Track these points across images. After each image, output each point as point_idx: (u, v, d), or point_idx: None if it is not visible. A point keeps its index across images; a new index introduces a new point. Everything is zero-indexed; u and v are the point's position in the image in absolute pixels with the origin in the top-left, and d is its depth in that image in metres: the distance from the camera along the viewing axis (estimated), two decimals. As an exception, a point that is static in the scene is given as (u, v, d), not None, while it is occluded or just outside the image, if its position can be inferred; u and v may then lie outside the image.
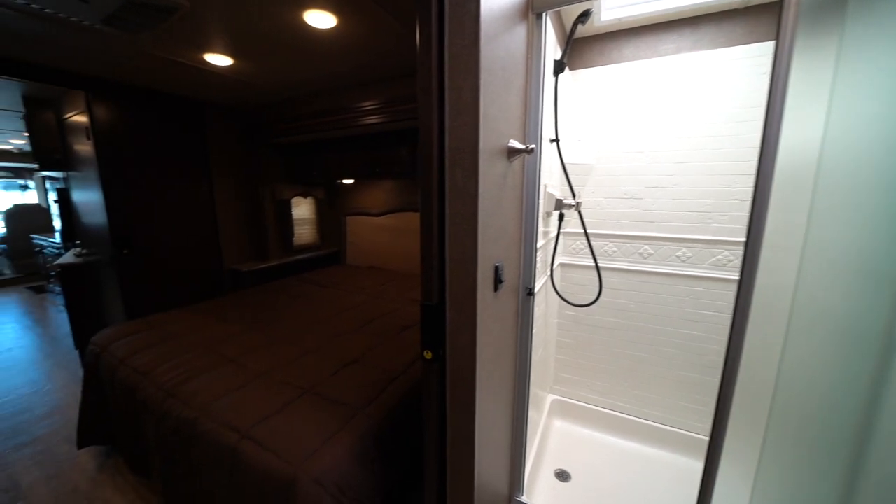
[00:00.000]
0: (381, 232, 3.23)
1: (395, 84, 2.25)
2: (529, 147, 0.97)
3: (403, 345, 1.78)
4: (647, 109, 1.68)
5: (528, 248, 1.17)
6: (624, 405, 1.93)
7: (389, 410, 1.34)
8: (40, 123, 2.72)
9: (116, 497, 1.71)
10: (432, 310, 0.87)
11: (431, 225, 0.83)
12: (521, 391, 1.26)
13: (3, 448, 2.05)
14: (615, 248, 1.83)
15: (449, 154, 0.81)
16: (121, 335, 1.90)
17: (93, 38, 1.66)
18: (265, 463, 1.12)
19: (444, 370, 0.91)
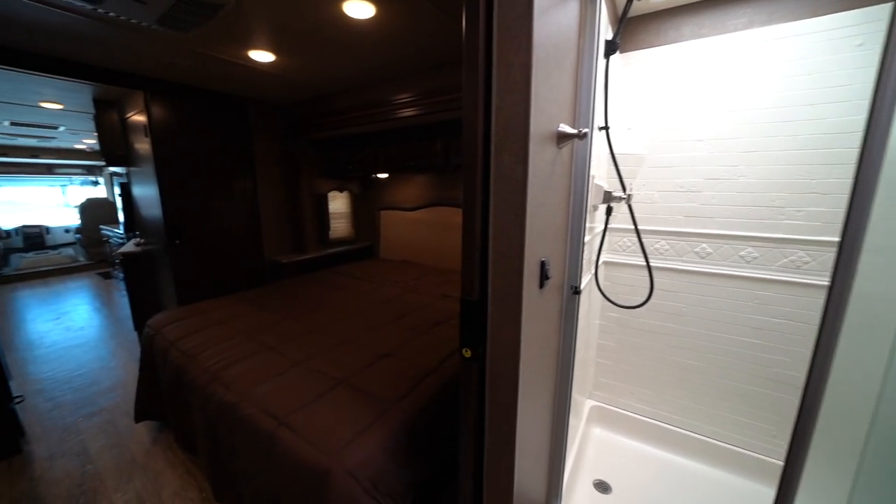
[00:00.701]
0: (414, 226, 3.22)
1: (431, 75, 2.21)
2: (582, 131, 0.88)
3: (436, 340, 1.74)
4: (708, 93, 1.52)
5: (575, 243, 1.08)
6: (671, 416, 1.78)
7: (422, 406, 1.32)
8: (106, 123, 2.96)
9: (167, 470, 1.82)
10: (473, 306, 0.82)
11: (474, 214, 0.78)
12: (562, 395, 1.18)
13: (77, 416, 2.27)
14: (667, 246, 1.68)
15: (495, 137, 0.75)
16: (172, 319, 2.03)
17: (149, 39, 1.76)
18: (300, 451, 1.13)
19: (483, 370, 0.85)
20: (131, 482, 1.75)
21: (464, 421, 0.90)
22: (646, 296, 1.42)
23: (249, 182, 2.97)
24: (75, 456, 1.94)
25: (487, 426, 0.88)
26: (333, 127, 2.72)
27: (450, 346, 1.69)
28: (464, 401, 0.89)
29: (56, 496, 1.69)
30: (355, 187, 3.53)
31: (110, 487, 1.73)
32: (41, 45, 1.83)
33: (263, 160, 3.03)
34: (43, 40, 1.77)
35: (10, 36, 1.72)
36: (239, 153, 2.88)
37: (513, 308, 0.78)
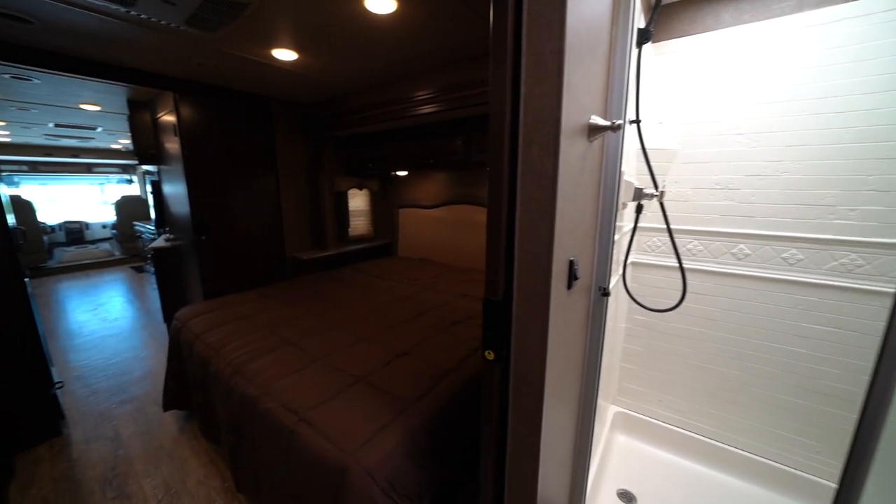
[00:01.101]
0: (432, 224, 3.21)
1: (451, 71, 2.17)
2: (615, 123, 0.83)
3: (455, 340, 1.72)
4: (749, 84, 1.42)
5: (605, 243, 1.03)
6: (702, 426, 1.69)
7: (441, 407, 1.29)
8: (139, 123, 3.08)
9: (192, 458, 1.88)
10: (497, 306, 0.78)
11: (500, 210, 0.74)
12: (587, 401, 1.13)
13: (111, 403, 2.38)
14: (700, 247, 1.59)
15: (524, 129, 0.71)
16: (198, 313, 2.09)
17: (178, 40, 1.81)
18: (319, 447, 1.13)
19: (507, 373, 0.82)
20: (159, 469, 1.82)
21: (485, 425, 0.87)
22: (676, 299, 1.34)
23: (272, 180, 3.03)
24: (109, 441, 2.03)
25: (510, 431, 0.84)
26: (353, 125, 2.73)
27: (469, 345, 1.66)
28: (486, 404, 0.86)
29: (91, 478, 1.77)
30: (375, 185, 3.55)
31: (140, 473, 1.79)
32: (81, 48, 1.91)
33: (285, 158, 3.08)
34: (82, 44, 1.85)
35: (55, 41, 1.81)
36: (262, 151, 2.94)
37: (540, 309, 0.74)
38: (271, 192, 3.04)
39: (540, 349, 0.76)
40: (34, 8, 1.49)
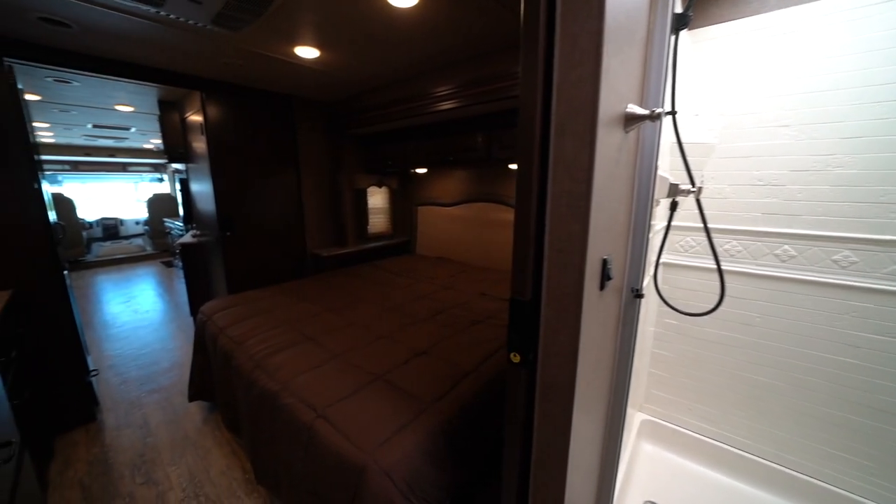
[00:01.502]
0: (451, 222, 3.17)
1: (473, 65, 2.13)
2: (655, 112, 0.77)
3: (474, 340, 1.68)
4: (797, 72, 1.31)
5: (638, 241, 0.97)
6: (738, 438, 1.58)
7: (461, 408, 1.26)
8: (169, 123, 3.19)
9: (215, 449, 1.92)
10: (524, 306, 0.74)
11: (529, 205, 0.70)
12: (616, 408, 1.07)
13: (141, 391, 2.47)
14: (739, 247, 1.49)
15: (556, 119, 0.66)
16: (222, 307, 2.13)
17: (205, 40, 1.84)
18: (337, 445, 1.12)
19: (533, 377, 0.78)
20: (183, 457, 1.87)
21: (509, 431, 0.83)
22: (711, 302, 1.25)
23: (294, 177, 3.07)
24: (138, 428, 2.11)
25: (536, 438, 0.80)
26: (373, 122, 2.73)
27: (488, 346, 1.62)
28: (510, 409, 0.82)
29: (122, 463, 1.84)
30: (394, 183, 3.55)
31: (166, 460, 1.85)
32: (115, 50, 1.98)
33: (307, 156, 3.12)
34: (116, 46, 1.92)
35: (92, 43, 1.88)
36: (284, 150, 2.99)
37: (571, 310, 0.70)
38: (293, 190, 3.08)
39: (570, 353, 0.71)
40: (72, 12, 1.55)
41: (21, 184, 1.83)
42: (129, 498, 1.64)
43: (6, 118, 1.78)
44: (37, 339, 1.89)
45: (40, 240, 1.90)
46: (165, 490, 1.67)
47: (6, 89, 1.79)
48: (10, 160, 1.80)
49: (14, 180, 1.81)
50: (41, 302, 1.92)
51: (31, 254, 1.88)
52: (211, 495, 1.64)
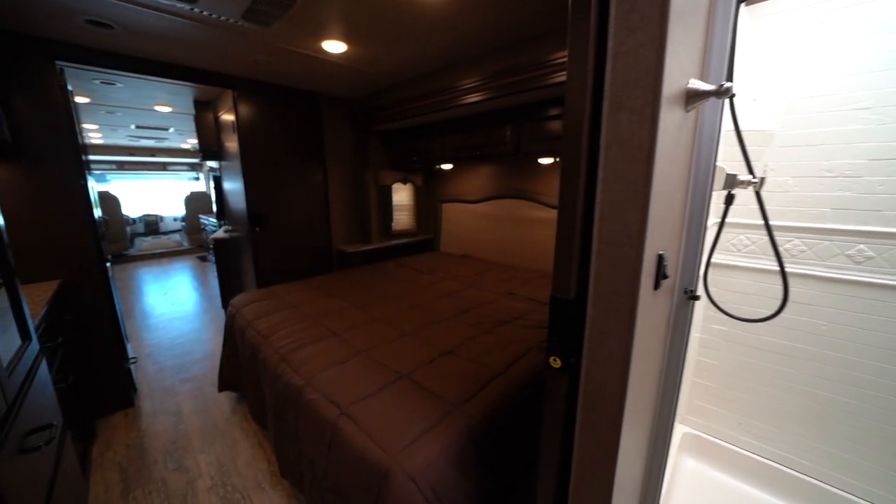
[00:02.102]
0: (477, 220, 3.10)
1: (502, 56, 2.04)
2: (724, 86, 0.67)
3: (502, 341, 1.61)
4: (880, 47, 1.14)
5: (693, 237, 0.87)
6: (798, 459, 1.42)
7: (489, 412, 1.19)
8: (203, 122, 3.30)
9: (242, 440, 1.95)
10: (567, 306, 0.67)
11: (575, 192, 0.63)
12: (662, 420, 0.97)
13: (175, 380, 2.56)
14: (803, 247, 1.33)
15: (610, 91, 0.58)
16: (251, 300, 2.17)
17: (236, 37, 1.87)
18: (361, 445, 1.08)
19: (576, 384, 0.70)
20: (212, 446, 1.91)
21: (546, 443, 0.76)
22: (766, 307, 1.12)
23: (320, 174, 3.10)
24: (172, 415, 2.18)
25: (577, 453, 0.72)
26: (398, 117, 2.70)
27: (518, 347, 1.55)
28: (548, 419, 0.75)
29: (156, 448, 1.90)
30: (419, 179, 3.51)
31: (196, 448, 1.90)
32: (154, 50, 2.05)
33: (333, 153, 3.14)
34: (155, 46, 1.99)
35: (133, 44, 1.95)
36: (312, 147, 3.02)
37: (622, 311, 0.62)
38: (319, 187, 3.11)
39: (621, 359, 0.63)
40: (115, 13, 1.60)
41: (70, 182, 1.93)
42: (162, 483, 1.69)
43: (58, 119, 1.88)
44: (81, 327, 1.99)
45: (86, 234, 2.00)
46: (195, 477, 1.71)
47: (58, 91, 1.88)
48: (61, 159, 1.90)
49: (64, 179, 1.91)
50: (86, 292, 2.02)
51: (78, 247, 1.98)
52: (237, 485, 1.66)
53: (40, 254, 1.88)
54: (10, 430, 0.82)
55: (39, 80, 1.82)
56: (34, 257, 1.86)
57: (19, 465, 0.86)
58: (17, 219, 1.81)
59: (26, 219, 1.83)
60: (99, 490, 1.65)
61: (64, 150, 1.91)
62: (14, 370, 0.92)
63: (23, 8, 1.54)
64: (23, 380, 0.98)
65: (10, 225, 1.80)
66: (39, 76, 1.82)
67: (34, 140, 1.82)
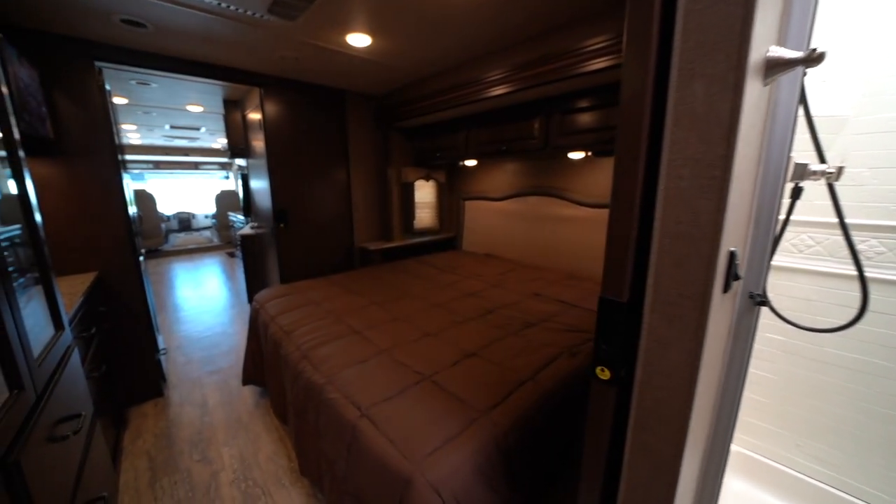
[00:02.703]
0: (501, 218, 3.01)
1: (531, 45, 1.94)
2: (815, 53, 0.56)
3: (529, 345, 1.52)
4: None
5: (762, 232, 0.75)
6: (869, 490, 1.26)
7: (517, 421, 1.11)
8: (232, 121, 3.38)
9: (264, 434, 1.96)
10: (619, 310, 0.58)
11: (634, 177, 0.54)
12: (718, 442, 0.86)
13: (202, 372, 2.62)
14: (881, 248, 1.17)
15: (680, 56, 0.49)
16: (274, 296, 2.18)
17: (262, 32, 1.87)
18: (381, 449, 1.03)
19: (627, 399, 0.61)
20: (236, 439, 1.92)
21: (589, 465, 0.67)
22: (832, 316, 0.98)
23: (344, 171, 3.10)
24: (198, 406, 2.22)
25: (626, 477, 0.64)
26: (423, 112, 2.65)
27: (546, 352, 1.45)
28: (592, 437, 0.66)
29: (183, 439, 1.94)
30: (441, 176, 3.45)
31: (220, 440, 1.92)
32: (184, 48, 2.09)
33: (356, 150, 3.13)
34: (185, 44, 2.02)
35: (164, 43, 1.99)
36: (336, 144, 3.02)
37: (689, 318, 0.52)
38: (343, 184, 3.11)
39: (686, 374, 0.54)
40: (147, 11, 1.63)
41: (107, 179, 2.00)
42: (187, 473, 1.71)
43: (97, 118, 1.95)
44: (115, 318, 2.06)
45: (121, 229, 2.06)
46: (218, 470, 1.72)
47: (96, 90, 1.95)
48: (99, 157, 1.97)
49: (102, 176, 1.98)
50: (120, 285, 2.09)
51: (113, 241, 2.05)
52: (258, 480, 1.66)
53: (79, 247, 1.95)
54: (38, 419, 0.82)
55: (80, 81, 1.88)
56: (73, 250, 1.94)
57: (48, 452, 0.86)
58: (58, 213, 1.88)
59: (66, 213, 1.90)
60: (129, 477, 1.69)
61: (102, 149, 1.97)
62: (44, 360, 0.93)
63: (63, 9, 1.60)
64: (54, 369, 0.99)
65: (52, 219, 1.87)
66: (80, 76, 1.88)
67: (74, 138, 1.89)
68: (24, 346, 0.81)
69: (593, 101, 1.95)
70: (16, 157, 0.97)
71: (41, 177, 1.83)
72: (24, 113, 1.41)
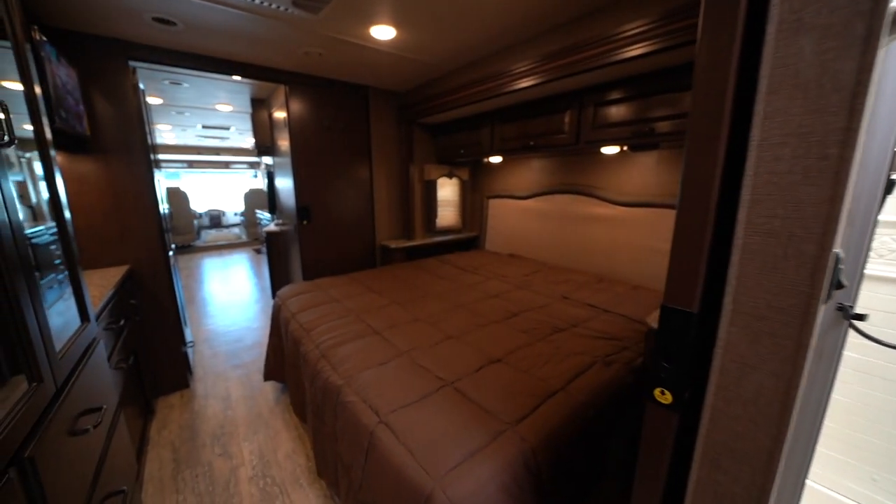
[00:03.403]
0: (525, 217, 2.89)
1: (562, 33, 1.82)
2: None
3: (558, 351, 1.41)
4: None
5: (858, 233, 0.63)
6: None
7: (547, 437, 1.02)
8: (259, 119, 3.44)
9: (284, 431, 1.95)
10: (688, 322, 0.48)
11: (712, 158, 0.44)
12: (792, 477, 0.73)
13: (226, 366, 2.67)
14: None
15: (780, 5, 0.39)
16: (296, 293, 2.17)
17: (287, 27, 1.85)
18: (400, 460, 0.96)
19: (692, 429, 0.51)
20: (256, 434, 1.92)
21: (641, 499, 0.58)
22: None
23: (366, 168, 3.08)
24: (222, 400, 2.25)
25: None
26: (446, 108, 2.58)
27: (578, 360, 1.34)
28: (646, 468, 0.56)
29: (206, 432, 1.96)
30: (465, 174, 3.37)
31: (241, 435, 1.92)
32: (213, 46, 2.11)
33: (379, 147, 3.11)
34: (213, 42, 2.04)
35: (194, 41, 2.02)
36: (359, 141, 3.00)
37: (782, 334, 0.42)
38: (365, 181, 3.09)
39: (775, 403, 0.44)
40: (177, 8, 1.64)
41: (140, 177, 2.05)
42: (208, 467, 1.71)
43: (131, 117, 2.00)
44: (145, 311, 2.11)
45: (152, 225, 2.11)
46: (238, 465, 1.72)
47: (130, 90, 2.00)
48: (132, 155, 2.02)
49: (134, 173, 2.04)
50: (150, 279, 2.14)
51: (145, 237, 2.10)
52: (276, 478, 1.64)
53: (113, 241, 2.01)
54: (57, 412, 0.81)
55: (115, 79, 1.94)
56: (107, 244, 2.00)
57: (68, 445, 0.85)
58: (94, 208, 1.94)
59: (101, 208, 1.96)
60: (153, 467, 1.72)
61: (135, 147, 2.02)
62: (67, 353, 0.92)
63: (100, 9, 1.63)
64: (77, 361, 0.99)
65: (88, 213, 1.94)
66: (115, 75, 1.94)
67: (109, 136, 1.95)
68: (46, 338, 0.80)
69: (630, 92, 1.81)
70: (47, 155, 0.97)
71: (79, 173, 1.90)
72: (61, 110, 1.44)
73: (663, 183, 2.08)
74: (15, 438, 0.66)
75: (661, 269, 2.06)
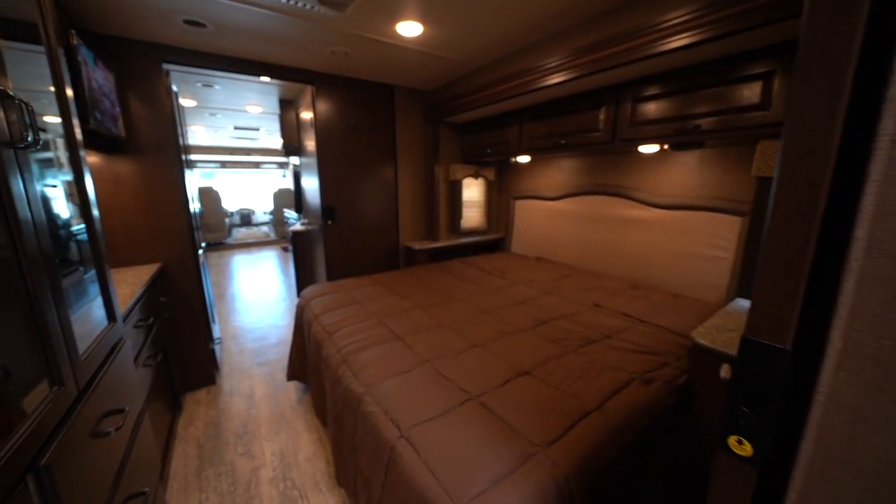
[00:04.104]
0: (554, 219, 2.77)
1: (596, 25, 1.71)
2: None
3: (592, 365, 1.31)
4: None
5: None
6: None
7: (582, 462, 0.93)
8: (287, 120, 3.49)
9: (305, 433, 1.94)
10: (778, 359, 0.39)
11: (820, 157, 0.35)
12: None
13: (252, 363, 2.72)
14: None
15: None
16: (319, 293, 2.17)
17: (313, 26, 1.84)
18: (421, 481, 0.90)
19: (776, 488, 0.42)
20: (278, 435, 1.93)
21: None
22: None
23: (391, 168, 3.06)
24: (246, 397, 2.28)
25: None
26: (474, 106, 2.50)
27: (614, 376, 1.24)
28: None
29: (229, 430, 1.98)
30: (491, 174, 3.29)
31: (263, 435, 1.93)
32: (242, 47, 2.15)
33: (404, 147, 3.08)
34: (242, 43, 2.07)
35: (224, 42, 2.06)
36: (384, 141, 2.98)
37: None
38: (390, 181, 3.07)
39: None
40: (207, 10, 1.67)
41: (172, 177, 2.11)
42: (231, 466, 1.73)
43: (164, 118, 2.06)
44: (174, 308, 2.17)
45: (183, 224, 2.17)
46: (259, 466, 1.73)
47: (164, 92, 2.06)
48: (165, 156, 2.08)
49: (167, 174, 2.09)
50: (180, 276, 2.20)
51: (176, 235, 2.16)
52: (296, 481, 1.63)
53: (146, 239, 2.08)
54: (79, 415, 0.81)
55: (148, 81, 2.00)
56: (141, 242, 2.07)
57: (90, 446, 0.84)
58: (128, 207, 2.01)
59: (135, 208, 2.03)
60: (179, 463, 1.75)
61: (167, 147, 2.08)
62: (91, 353, 0.92)
63: (133, 13, 1.68)
64: (102, 361, 1.00)
65: (123, 212, 2.01)
66: (149, 77, 2.00)
67: (143, 137, 2.01)
68: (68, 340, 0.80)
69: (670, 86, 1.67)
70: (76, 155, 0.98)
71: (115, 173, 1.97)
72: (97, 112, 1.49)
73: (706, 184, 1.92)
74: (34, 443, 0.65)
75: (703, 277, 1.93)
